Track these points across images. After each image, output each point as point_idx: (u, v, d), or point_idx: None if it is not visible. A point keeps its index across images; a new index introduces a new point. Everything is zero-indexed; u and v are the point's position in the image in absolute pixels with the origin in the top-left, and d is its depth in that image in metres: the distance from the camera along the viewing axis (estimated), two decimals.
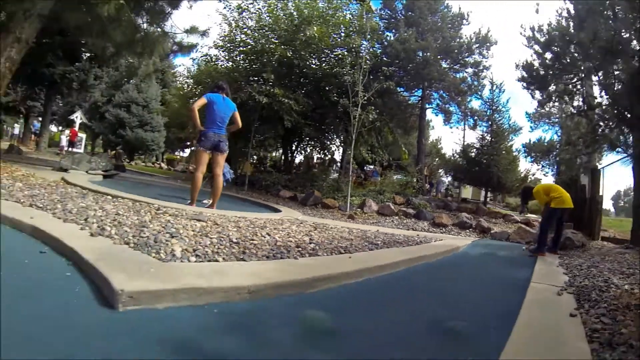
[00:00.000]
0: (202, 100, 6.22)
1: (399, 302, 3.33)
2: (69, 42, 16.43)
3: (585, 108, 12.63)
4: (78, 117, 28.30)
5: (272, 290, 3.04)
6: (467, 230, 10.44)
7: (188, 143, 32.53)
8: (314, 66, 14.99)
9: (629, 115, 8.91)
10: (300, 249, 4.65)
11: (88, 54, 19.69)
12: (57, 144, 25.69)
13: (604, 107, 11.42)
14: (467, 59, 23.70)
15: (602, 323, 2.90)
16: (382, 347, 2.37)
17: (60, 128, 34.29)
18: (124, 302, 2.28)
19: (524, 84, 13.29)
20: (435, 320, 2.99)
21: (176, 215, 5.07)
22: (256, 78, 14.70)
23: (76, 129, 27.39)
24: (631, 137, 10.56)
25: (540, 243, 7.08)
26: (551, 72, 12.17)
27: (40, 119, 25.90)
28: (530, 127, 25.72)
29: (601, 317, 3.07)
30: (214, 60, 17.26)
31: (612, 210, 66.16)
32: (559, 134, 23.14)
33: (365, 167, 26.28)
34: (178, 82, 30.85)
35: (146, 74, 22.62)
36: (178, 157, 36.39)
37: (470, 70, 24.19)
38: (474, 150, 19.46)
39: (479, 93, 23.08)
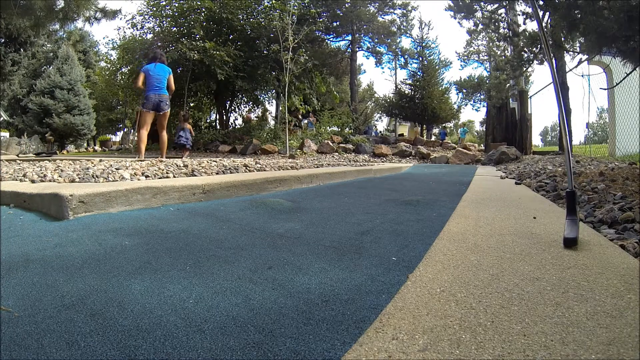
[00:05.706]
0: (141, 75, 6.66)
1: (353, 195, 3.33)
2: None
3: (511, 35, 13.01)
4: None
5: (225, 190, 2.99)
6: (408, 158, 10.73)
7: (120, 125, 30.76)
8: (241, 19, 14.50)
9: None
10: (248, 167, 4.57)
11: (2, 39, 17.68)
12: None
13: (527, 33, 11.81)
14: (395, 1, 23.57)
15: (544, 183, 3.06)
16: (343, 214, 2.35)
17: None
18: (75, 209, 2.07)
19: (452, 14, 13.44)
20: (391, 199, 3.02)
21: (120, 161, 4.86)
22: (186, 38, 14.04)
23: None
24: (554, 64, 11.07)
25: None
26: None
27: None
28: (461, 65, 26.54)
29: (543, 181, 3.24)
30: (139, 27, 16.06)
31: (542, 144, 70.68)
32: (488, 69, 23.96)
33: (300, 122, 26.04)
34: (102, 58, 28.39)
35: (66, 55, 21.12)
36: (110, 137, 33.82)
37: (398, 11, 24.17)
38: (407, 85, 19.69)
39: (409, 33, 23.23)
